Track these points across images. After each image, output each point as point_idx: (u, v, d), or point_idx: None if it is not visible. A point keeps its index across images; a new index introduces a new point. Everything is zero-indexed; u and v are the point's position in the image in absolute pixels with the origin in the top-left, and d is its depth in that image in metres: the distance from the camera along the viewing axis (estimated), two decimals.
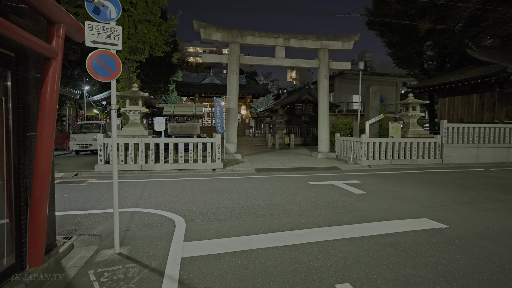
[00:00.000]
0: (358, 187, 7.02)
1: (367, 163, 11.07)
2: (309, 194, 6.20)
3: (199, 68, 54.50)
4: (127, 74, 12.27)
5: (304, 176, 8.66)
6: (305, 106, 25.09)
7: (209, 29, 11.58)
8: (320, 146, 13.13)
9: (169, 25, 12.24)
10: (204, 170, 9.61)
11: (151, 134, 10.04)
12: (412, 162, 11.58)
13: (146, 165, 9.25)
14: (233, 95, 12.00)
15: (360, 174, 9.13)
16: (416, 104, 12.52)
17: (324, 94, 12.95)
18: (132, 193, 6.30)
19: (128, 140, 9.13)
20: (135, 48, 12.04)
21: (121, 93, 9.59)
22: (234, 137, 12.20)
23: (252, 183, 7.54)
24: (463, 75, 15.53)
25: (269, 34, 12.16)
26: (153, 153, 9.36)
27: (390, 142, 11.40)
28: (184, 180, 7.95)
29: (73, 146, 13.04)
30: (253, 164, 10.88)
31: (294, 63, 12.60)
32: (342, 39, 12.96)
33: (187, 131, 10.59)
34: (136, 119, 9.88)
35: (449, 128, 12.06)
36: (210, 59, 11.81)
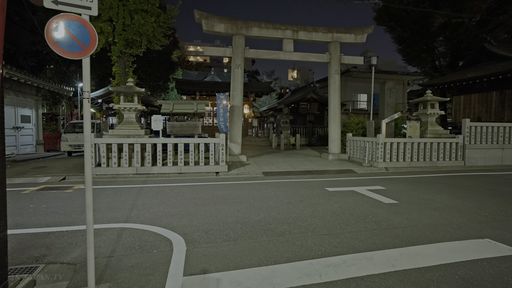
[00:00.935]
0: (384, 194, 6.09)
1: (384, 165, 10.14)
2: (331, 204, 5.26)
3: (200, 67, 53.62)
4: (123, 69, 11.33)
5: (319, 181, 7.73)
6: (310, 105, 24.19)
7: (211, 19, 10.66)
8: (331, 146, 12.20)
9: (168, 16, 11.30)
10: (206, 173, 8.69)
11: (148, 134, 9.11)
12: (432, 164, 10.65)
13: (142, 168, 8.33)
14: (238, 91, 11.07)
15: (380, 179, 8.20)
16: (435, 102, 11.60)
17: (336, 91, 12.02)
18: (123, 202, 5.37)
19: (121, 140, 8.21)
20: (131, 41, 11.10)
21: (114, 88, 8.67)
22: (238, 137, 11.27)
23: (262, 189, 6.60)
24: (482, 71, 14.58)
25: (276, 26, 11.23)
26: (150, 154, 8.43)
27: (408, 142, 10.47)
28: (184, 186, 7.02)
29: (64, 147, 12.12)
30: (259, 167, 9.95)
31: (303, 57, 11.67)
32: (354, 31, 12.02)
33: (187, 131, 9.67)
34: (131, 117, 8.96)
35: (471, 128, 11.12)
36: (213, 52, 10.89)
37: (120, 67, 11.34)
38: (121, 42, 10.79)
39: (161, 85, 21.70)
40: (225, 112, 10.26)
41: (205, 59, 73.20)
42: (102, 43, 10.63)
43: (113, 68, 11.22)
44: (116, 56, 11.07)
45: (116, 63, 11.25)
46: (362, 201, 5.54)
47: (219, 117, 10.31)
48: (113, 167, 8.20)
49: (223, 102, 10.31)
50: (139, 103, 9.21)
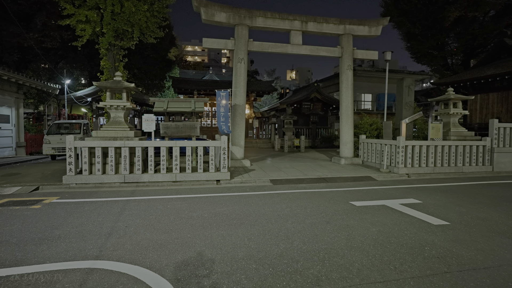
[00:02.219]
0: (425, 211, 4.95)
1: (405, 171, 9.02)
2: (367, 227, 4.11)
3: (198, 67, 52.47)
4: (112, 63, 10.16)
5: (339, 192, 6.58)
6: (314, 105, 23.08)
7: (211, 8, 9.51)
8: (343, 150, 11.06)
9: (162, 4, 10.16)
10: (206, 182, 7.52)
11: (138, 136, 7.94)
12: (457, 169, 9.54)
13: (130, 176, 7.14)
14: (241, 88, 9.92)
15: (408, 188, 7.07)
16: (458, 100, 10.50)
17: (348, 88, 10.90)
18: (101, 224, 4.20)
19: (107, 143, 7.03)
20: (121, 31, 9.93)
21: (99, 83, 7.49)
22: (241, 139, 10.11)
23: (273, 204, 5.44)
24: (503, 68, 13.51)
25: (283, 16, 10.09)
26: (140, 160, 7.25)
27: (431, 146, 9.35)
28: (180, 198, 5.84)
29: (47, 150, 10.90)
30: (266, 173, 8.79)
31: (312, 51, 10.54)
32: (368, 23, 10.91)
33: (184, 132, 8.50)
34: (119, 117, 7.77)
35: (500, 129, 10.03)
36: (213, 44, 9.73)
37: (109, 61, 10.17)
38: (110, 32, 9.61)
39: (157, 84, 20.51)
40: (227, 111, 9.10)
41: (203, 59, 72.10)
42: (89, 34, 9.46)
43: (101, 62, 10.04)
44: (104, 48, 9.89)
45: (104, 57, 10.07)
46: (404, 221, 4.39)
47: (219, 117, 9.15)
48: (96, 175, 7.01)
49: (224, 101, 9.16)
50: (129, 100, 8.03)
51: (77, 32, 9.37)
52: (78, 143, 6.92)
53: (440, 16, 16.36)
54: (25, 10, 12.66)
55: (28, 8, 12.58)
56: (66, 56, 16.00)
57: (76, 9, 9.04)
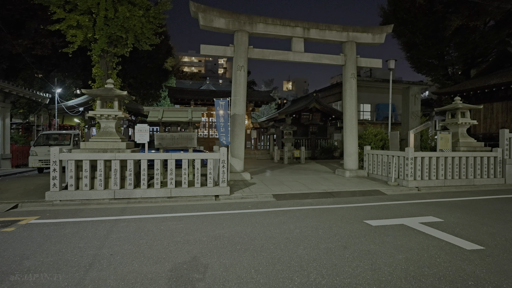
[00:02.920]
0: (451, 231, 4.41)
1: (415, 184, 8.51)
2: (392, 253, 3.55)
3: (195, 77, 52.27)
4: (105, 71, 9.65)
5: (349, 208, 6.03)
6: (313, 115, 22.72)
7: (209, 13, 9.11)
8: (347, 161, 10.55)
9: (159, 10, 9.75)
10: (203, 197, 6.92)
11: (130, 147, 7.37)
12: (468, 182, 9.06)
13: (121, 192, 6.53)
14: (241, 96, 9.44)
15: (422, 204, 6.54)
16: (466, 110, 10.12)
17: (352, 97, 10.47)
18: (82, 251, 3.59)
19: (95, 155, 6.44)
20: (115, 38, 9.47)
21: (88, 91, 6.94)
22: (241, 150, 9.57)
23: (280, 223, 4.86)
24: (507, 77, 13.25)
25: (284, 22, 9.73)
26: (132, 173, 6.67)
27: (441, 157, 8.89)
28: (175, 218, 5.24)
29: (33, 162, 10.24)
30: (267, 187, 8.22)
31: (315, 58, 10.15)
32: (372, 30, 10.59)
33: (180, 144, 7.95)
34: (109, 127, 7.21)
35: (511, 139, 9.61)
36: (211, 51, 9.29)
37: (101, 68, 9.66)
38: (103, 38, 9.14)
39: (153, 93, 20.03)
40: (227, 121, 8.59)
41: (200, 69, 72.15)
42: (80, 40, 8.97)
43: (93, 69, 9.53)
44: (97, 55, 9.40)
45: (97, 64, 9.56)
46: (431, 245, 3.83)
47: (219, 127, 8.62)
48: (83, 191, 6.39)
49: (222, 111, 8.64)
50: (121, 109, 7.49)
51: (68, 38, 8.89)
52: (63, 156, 6.33)
53: (441, 25, 16.21)
54: (15, 16, 12.18)
55: (18, 14, 12.11)
56: (59, 65, 15.48)
57: (67, 13, 8.58)
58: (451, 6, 16.44)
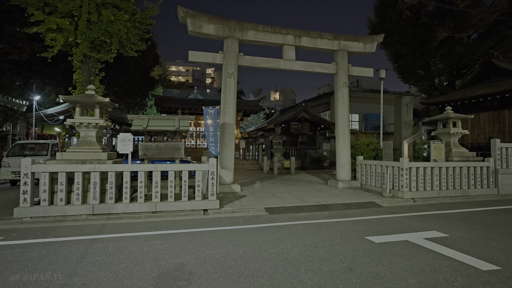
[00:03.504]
0: (459, 248, 4.11)
1: (410, 195, 8.29)
2: (402, 276, 3.19)
3: (182, 87, 51.75)
4: (87, 77, 9.12)
5: (347, 223, 5.68)
6: (302, 125, 22.56)
7: (198, 19, 8.79)
8: (340, 172, 10.27)
9: (145, 15, 9.37)
10: (191, 212, 6.44)
11: (112, 158, 6.85)
12: (463, 193, 8.92)
13: (101, 206, 5.97)
14: (230, 105, 9.08)
15: (421, 216, 6.27)
16: (457, 119, 10.08)
17: (344, 106, 10.28)
18: (48, 281, 3.07)
19: (73, 167, 5.89)
20: (98, 43, 8.99)
21: (66, 97, 6.43)
22: (230, 161, 9.15)
23: (276, 242, 4.45)
24: (494, 88, 13.46)
25: (275, 29, 9.51)
26: (114, 186, 6.14)
27: (436, 167, 8.73)
28: (159, 236, 4.74)
29: (5, 174, 9.47)
30: (259, 200, 7.81)
31: (306, 67, 9.94)
32: (363, 39, 10.52)
33: (166, 154, 7.48)
34: (90, 136, 6.68)
35: (502, 149, 9.59)
36: (200, 57, 8.94)
37: (83, 74, 9.13)
38: (85, 43, 8.66)
39: (139, 102, 19.43)
40: (216, 130, 8.18)
41: (187, 79, 71.72)
42: (60, 44, 8.45)
43: (74, 75, 9.00)
44: (78, 60, 8.88)
45: (78, 70, 9.03)
46: (444, 266, 3.50)
47: (208, 137, 8.20)
48: (58, 206, 5.80)
49: (210, 120, 8.23)
50: (103, 117, 6.99)
51: (47, 41, 8.35)
52: (36, 168, 5.75)
53: (427, 37, 16.50)
54: None
55: None
56: (39, 71, 14.75)
57: (46, 16, 8.08)
58: (437, 18, 16.81)
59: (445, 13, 15.70)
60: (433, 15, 16.66)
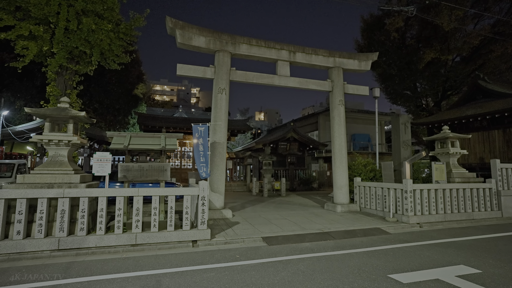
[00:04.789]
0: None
1: (416, 220, 7.70)
2: None
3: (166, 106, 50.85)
4: (63, 90, 8.25)
5: (359, 255, 4.95)
6: (290, 145, 22.11)
7: (188, 30, 8.23)
8: (338, 195, 9.63)
9: (130, 26, 8.72)
10: (178, 244, 5.53)
11: (87, 181, 5.93)
12: (468, 216, 8.45)
13: (68, 240, 4.98)
14: (222, 122, 8.40)
15: (437, 245, 5.64)
16: (455, 139, 9.82)
17: (341, 125, 9.82)
18: None
19: (36, 192, 4.93)
20: (77, 53, 8.21)
21: (34, 110, 5.55)
22: (221, 184, 8.35)
23: (284, 285, 3.65)
24: (482, 109, 13.51)
25: (269, 44, 9.08)
26: (86, 215, 5.19)
27: (439, 189, 8.26)
28: (138, 278, 3.84)
29: None
30: (254, 228, 6.98)
31: (301, 83, 9.49)
32: (358, 57, 10.28)
33: (150, 176, 6.60)
34: (60, 156, 5.76)
35: (503, 170, 9.30)
36: (189, 72, 8.30)
37: (58, 87, 8.25)
38: (62, 53, 7.86)
39: (121, 120, 18.42)
40: (207, 150, 7.41)
41: (172, 98, 70.89)
42: (33, 53, 7.60)
43: (48, 88, 8.10)
44: (53, 72, 8.01)
45: (53, 82, 8.15)
46: None
47: (198, 157, 7.40)
48: (14, 240, 4.77)
49: (200, 139, 7.47)
50: (77, 134, 6.10)
51: (17, 50, 7.48)
52: None
53: (414, 58, 16.75)
54: None
55: None
56: (9, 85, 13.61)
57: (18, 21, 7.28)
58: (422, 41, 17.18)
59: (431, 36, 16.05)
60: (417, 38, 17.02)
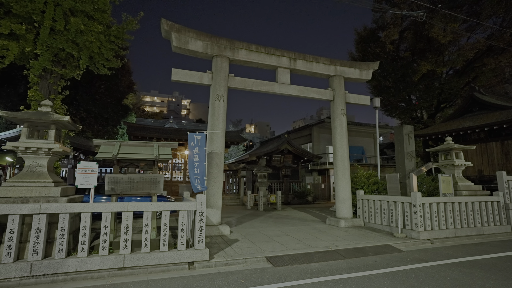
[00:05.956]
0: None
1: (426, 235, 7.23)
2: None
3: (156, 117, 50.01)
4: (46, 95, 7.58)
5: (378, 278, 4.40)
6: (284, 157, 21.66)
7: (185, 34, 7.77)
8: (341, 209, 9.11)
9: (123, 29, 8.21)
10: (172, 266, 4.87)
11: (69, 195, 5.24)
12: (478, 231, 8.03)
13: (43, 264, 4.27)
14: (220, 131, 7.86)
15: (459, 265, 5.14)
16: (459, 151, 9.53)
17: (343, 135, 9.41)
18: None
19: (6, 209, 4.23)
20: (64, 56, 7.61)
21: (11, 114, 4.88)
22: (218, 197, 7.73)
23: None
24: (480, 120, 13.41)
25: (269, 50, 8.70)
26: (67, 233, 4.50)
27: (448, 203, 7.85)
28: None
29: None
30: (255, 246, 6.35)
31: (302, 92, 9.09)
32: (359, 66, 10.01)
33: (141, 189, 5.96)
34: (39, 166, 5.08)
35: (510, 182, 9.00)
36: (185, 77, 7.79)
37: (41, 91, 7.58)
38: (47, 55, 7.24)
39: (109, 130, 17.63)
40: (203, 160, 6.83)
41: (162, 110, 70.07)
42: (14, 54, 6.97)
43: (29, 92, 7.42)
44: (36, 75, 7.36)
45: (35, 86, 7.49)
46: None
47: (192, 168, 6.80)
48: None
49: (196, 148, 6.89)
50: (59, 142, 5.45)
51: None
52: None
53: (410, 70, 16.77)
54: None
55: None
56: None
57: None
58: (416, 54, 17.26)
59: (425, 49, 16.14)
60: (413, 50, 17.11)
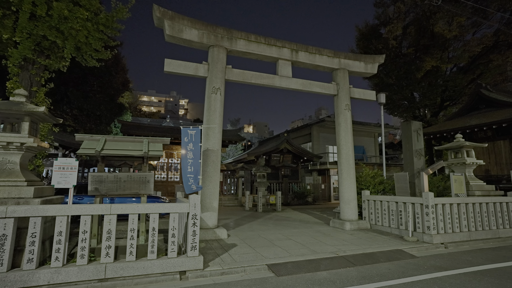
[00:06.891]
0: None
1: (440, 239, 6.68)
2: None
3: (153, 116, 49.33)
4: (28, 87, 6.98)
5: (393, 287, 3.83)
6: (283, 157, 21.12)
7: (179, 22, 7.19)
8: (345, 210, 8.55)
9: (112, 17, 7.62)
10: (162, 276, 4.28)
11: (45, 196, 4.64)
12: (493, 234, 7.50)
13: (9, 277, 3.67)
14: (216, 126, 7.28)
15: (483, 274, 4.60)
16: (470, 149, 9.02)
17: (347, 132, 8.85)
18: None
19: None
20: (47, 45, 7.02)
21: None
22: (214, 198, 7.13)
23: None
24: (486, 118, 12.92)
25: (270, 41, 8.13)
26: (38, 241, 3.90)
27: (462, 204, 7.30)
28: None
29: None
30: (255, 251, 5.77)
31: (304, 85, 8.53)
32: (364, 59, 9.47)
33: (129, 189, 5.37)
34: (10, 163, 4.48)
35: None
36: (179, 68, 7.21)
37: (21, 83, 6.96)
38: (27, 43, 6.64)
39: (103, 129, 16.99)
40: (197, 158, 6.23)
41: (159, 109, 69.37)
42: None
43: (8, 84, 6.80)
44: (15, 64, 6.75)
45: (15, 77, 6.87)
46: None
47: (185, 166, 6.19)
48: None
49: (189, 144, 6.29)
50: (35, 136, 4.85)
51: None
52: None
53: (413, 67, 16.26)
54: None
55: None
56: None
57: None
58: (420, 50, 16.77)
59: (429, 44, 15.65)
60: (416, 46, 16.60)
